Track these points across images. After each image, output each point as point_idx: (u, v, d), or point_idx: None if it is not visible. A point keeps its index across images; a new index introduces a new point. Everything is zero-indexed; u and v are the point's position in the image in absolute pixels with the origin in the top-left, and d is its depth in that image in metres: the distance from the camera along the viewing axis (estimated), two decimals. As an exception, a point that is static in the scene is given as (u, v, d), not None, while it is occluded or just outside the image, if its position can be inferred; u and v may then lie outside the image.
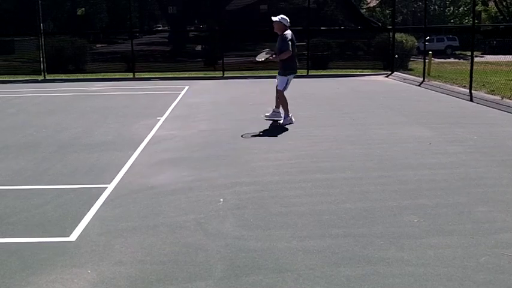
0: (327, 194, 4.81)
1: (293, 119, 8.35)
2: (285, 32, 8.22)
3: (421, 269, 3.30)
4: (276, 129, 8.01)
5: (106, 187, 5.10)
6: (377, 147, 6.63)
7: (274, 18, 8.35)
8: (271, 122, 8.56)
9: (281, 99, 8.41)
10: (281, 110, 8.52)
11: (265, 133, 7.70)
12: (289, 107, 8.41)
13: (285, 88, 8.41)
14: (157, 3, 20.73)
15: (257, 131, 7.76)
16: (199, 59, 19.26)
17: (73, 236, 3.90)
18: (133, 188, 5.09)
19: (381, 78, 16.51)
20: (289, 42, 8.12)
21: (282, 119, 8.39)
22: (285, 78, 8.43)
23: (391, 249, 3.59)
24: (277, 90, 8.51)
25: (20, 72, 18.15)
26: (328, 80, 15.96)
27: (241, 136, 7.36)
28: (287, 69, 8.40)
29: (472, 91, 11.97)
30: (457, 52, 34.76)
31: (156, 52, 19.90)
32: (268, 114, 8.78)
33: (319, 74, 17.75)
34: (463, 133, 7.41)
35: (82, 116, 9.52)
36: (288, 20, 8.32)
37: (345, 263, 3.40)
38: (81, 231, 4.00)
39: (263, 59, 8.72)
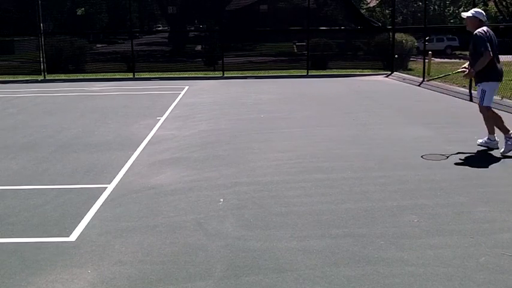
0: (327, 194, 4.81)
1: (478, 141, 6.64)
2: (479, 29, 6.23)
3: (421, 269, 3.30)
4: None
5: (106, 187, 5.10)
6: (377, 147, 6.63)
7: (464, 14, 6.48)
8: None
9: (489, 119, 6.42)
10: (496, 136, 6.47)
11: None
12: (290, 107, 8.37)
13: (489, 101, 6.33)
14: (157, 3, 20.72)
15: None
16: (199, 59, 19.27)
17: (73, 236, 3.90)
18: (133, 188, 5.09)
19: (380, 78, 16.51)
20: (487, 42, 6.13)
21: (505, 144, 6.22)
22: (480, 88, 6.39)
23: (391, 249, 3.59)
24: (480, 108, 6.45)
25: (20, 72, 18.16)
26: (328, 80, 15.95)
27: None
28: (486, 76, 6.28)
29: (472, 91, 11.96)
30: (457, 52, 34.76)
31: (156, 52, 19.92)
32: (481, 140, 6.64)
33: (319, 74, 17.75)
34: (463, 133, 7.41)
35: (82, 116, 9.52)
36: (484, 14, 6.44)
37: (345, 263, 3.40)
38: (81, 231, 4.00)
39: (439, 77, 6.78)
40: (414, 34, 19.69)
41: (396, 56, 17.81)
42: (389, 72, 17.40)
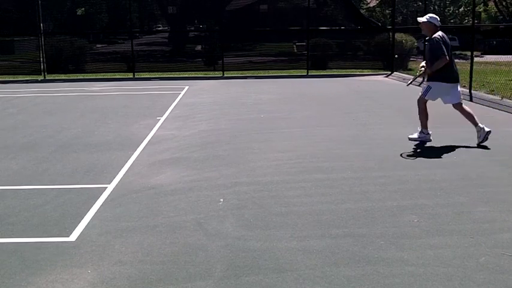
0: (327, 194, 4.81)
1: (429, 138, 6.89)
2: (435, 35, 6.64)
3: (421, 269, 3.30)
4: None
5: (106, 187, 5.10)
6: (377, 147, 6.63)
7: (420, 19, 6.84)
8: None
9: (420, 109, 6.89)
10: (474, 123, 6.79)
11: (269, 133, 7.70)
12: (290, 107, 8.38)
13: (425, 95, 6.81)
14: (157, 3, 20.72)
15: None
16: (199, 59, 19.27)
17: (73, 236, 3.90)
18: (133, 188, 5.09)
19: (380, 78, 16.51)
20: (443, 46, 6.52)
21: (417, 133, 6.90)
22: (427, 83, 6.87)
23: (391, 249, 3.59)
24: (419, 99, 6.90)
25: (20, 72, 18.16)
26: (328, 80, 15.95)
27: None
28: (435, 77, 6.71)
29: (472, 91, 11.97)
30: (457, 52, 34.78)
31: (156, 52, 19.92)
32: (414, 135, 6.96)
33: (319, 74, 17.75)
34: (463, 133, 7.41)
35: (82, 116, 9.52)
36: (438, 19, 6.81)
37: (345, 263, 3.40)
38: (81, 231, 4.00)
39: (414, 79, 7.33)
40: (414, 34, 19.68)
41: (396, 56, 17.81)
42: (389, 72, 17.40)
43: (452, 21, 36.92)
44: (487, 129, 6.62)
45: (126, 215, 4.36)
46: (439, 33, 6.68)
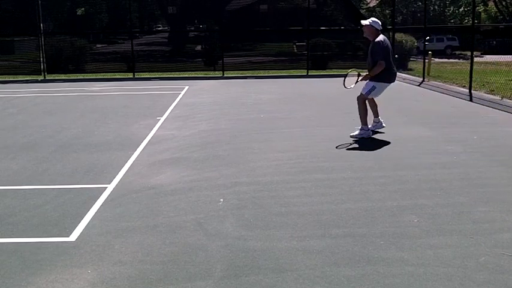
0: (327, 194, 4.81)
1: (370, 133, 7.27)
2: (377, 39, 7.05)
3: (421, 269, 3.30)
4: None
5: (106, 187, 5.10)
6: (377, 147, 6.63)
7: (363, 22, 7.21)
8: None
9: (360, 106, 7.37)
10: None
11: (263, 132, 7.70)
12: (290, 107, 8.38)
13: (368, 94, 7.33)
14: (157, 3, 20.72)
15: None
16: (199, 59, 19.27)
17: (73, 236, 3.90)
18: (133, 188, 5.09)
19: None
20: (383, 51, 7.01)
21: (360, 130, 7.27)
22: (371, 83, 7.26)
23: (391, 249, 3.59)
24: (359, 96, 7.41)
25: (20, 72, 18.17)
26: (328, 80, 15.95)
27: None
28: (379, 77, 7.18)
29: (472, 91, 11.98)
30: (457, 52, 34.77)
31: (156, 52, 19.92)
32: (356, 132, 7.32)
33: (319, 74, 17.75)
34: (463, 133, 7.41)
35: (82, 116, 9.52)
36: (380, 23, 7.18)
37: (345, 263, 3.40)
38: (81, 231, 4.00)
39: (354, 84, 7.54)
40: (414, 34, 19.70)
41: (396, 56, 17.80)
42: (389, 72, 17.37)
43: (452, 21, 36.92)
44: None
45: (126, 215, 4.36)
46: (381, 37, 7.10)
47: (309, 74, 17.81)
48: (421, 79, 15.03)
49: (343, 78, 7.66)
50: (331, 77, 16.66)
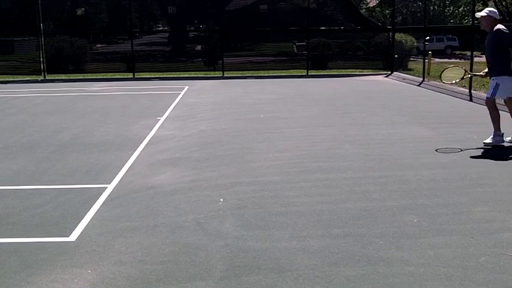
0: (327, 194, 4.81)
1: (506, 139, 6.52)
2: (498, 27, 6.34)
3: (421, 269, 3.30)
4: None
5: (106, 187, 5.10)
6: (377, 147, 6.63)
7: (479, 14, 6.53)
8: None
9: (490, 111, 6.58)
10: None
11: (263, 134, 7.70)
12: (290, 107, 8.36)
13: (493, 94, 6.47)
14: (157, 3, 20.73)
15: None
16: (199, 59, 19.27)
17: (73, 236, 3.90)
18: (133, 188, 5.09)
19: (380, 78, 16.50)
20: (510, 38, 6.25)
21: (493, 137, 6.50)
22: (494, 81, 6.48)
23: (391, 249, 3.59)
24: (487, 100, 6.60)
25: (20, 72, 18.16)
26: (328, 80, 15.95)
27: None
28: (500, 70, 6.39)
29: (472, 91, 11.97)
30: (457, 52, 34.78)
31: (156, 52, 19.93)
32: (487, 141, 6.53)
33: (319, 74, 17.75)
34: (463, 133, 7.41)
35: (82, 116, 9.52)
36: (497, 12, 6.56)
37: (345, 263, 3.40)
38: (81, 231, 4.00)
39: (457, 80, 6.88)
40: (414, 34, 19.69)
41: (396, 56, 17.81)
42: (389, 72, 17.40)
43: (452, 21, 36.92)
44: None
45: (126, 215, 4.36)
46: (500, 25, 6.35)
47: (309, 74, 17.80)
48: (421, 79, 15.02)
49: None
50: (331, 77, 16.67)
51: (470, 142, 6.82)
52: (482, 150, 6.42)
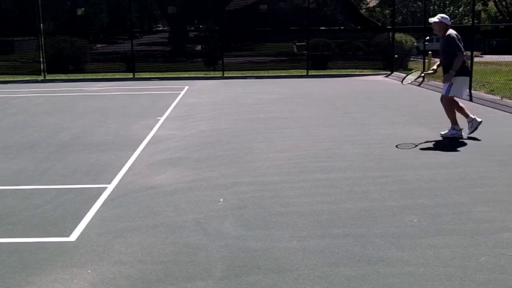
0: (327, 194, 4.81)
1: (478, 119, 7.03)
2: (449, 32, 6.96)
3: (421, 269, 3.30)
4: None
5: (106, 187, 5.10)
6: (377, 147, 6.63)
7: (432, 20, 7.15)
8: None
9: (446, 107, 7.17)
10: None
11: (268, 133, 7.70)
12: (290, 107, 8.36)
13: (448, 92, 7.03)
14: (157, 3, 20.72)
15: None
16: (199, 59, 19.27)
17: (73, 236, 3.90)
18: (133, 188, 5.09)
19: (380, 78, 16.50)
20: (460, 42, 6.85)
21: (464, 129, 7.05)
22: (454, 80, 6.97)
23: (391, 249, 3.59)
24: (443, 98, 7.18)
25: (20, 72, 18.16)
26: (328, 80, 15.95)
27: None
28: (459, 71, 6.93)
29: (472, 91, 11.96)
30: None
31: (156, 52, 19.93)
32: (443, 132, 7.20)
33: (319, 74, 17.75)
34: (463, 133, 7.40)
35: (82, 116, 9.52)
36: (448, 18, 7.22)
37: (345, 263, 3.40)
38: (81, 231, 4.00)
39: (412, 80, 7.64)
40: (414, 34, 19.68)
41: (396, 56, 17.81)
42: (389, 72, 17.40)
43: (452, 21, 36.93)
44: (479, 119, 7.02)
45: (126, 215, 4.36)
46: (452, 30, 6.98)
47: (309, 74, 17.80)
48: (421, 79, 15.01)
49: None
50: (331, 77, 16.67)
51: (470, 142, 6.82)
52: (482, 150, 6.41)
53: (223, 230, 3.99)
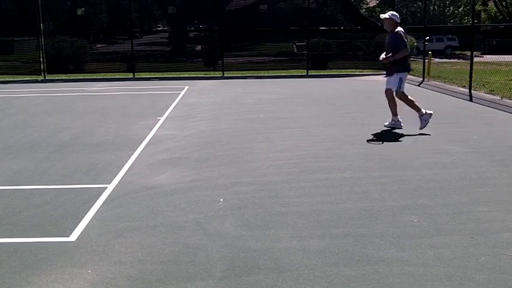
0: (327, 194, 4.82)
1: (428, 111, 7.65)
2: (398, 29, 7.66)
3: (421, 269, 3.30)
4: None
5: (106, 187, 5.10)
6: (377, 147, 6.63)
7: (383, 16, 7.86)
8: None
9: (404, 101, 7.77)
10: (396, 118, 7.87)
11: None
12: (290, 107, 8.38)
13: (400, 87, 7.72)
14: (157, 3, 20.72)
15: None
16: (199, 59, 19.27)
17: (73, 236, 3.91)
18: (133, 188, 5.09)
19: (380, 78, 16.48)
20: (406, 40, 7.59)
21: (421, 121, 7.60)
22: (397, 77, 7.71)
23: (391, 249, 3.59)
24: (387, 92, 7.86)
25: (20, 72, 18.17)
26: (328, 80, 15.96)
27: None
28: (400, 68, 7.69)
29: (472, 91, 11.98)
30: (457, 52, 34.78)
31: (156, 52, 19.92)
32: (387, 123, 7.97)
33: (319, 74, 17.75)
34: (463, 133, 7.41)
35: (82, 116, 9.52)
36: (399, 16, 7.86)
37: (345, 263, 3.40)
38: (81, 231, 4.00)
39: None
40: (414, 34, 19.68)
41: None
42: (389, 72, 17.37)
43: (452, 21, 36.93)
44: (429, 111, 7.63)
45: (126, 215, 4.36)
46: (400, 28, 7.69)
47: (309, 74, 17.81)
48: (421, 79, 15.03)
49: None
50: (331, 77, 16.67)
51: (470, 142, 6.82)
52: (482, 150, 6.41)
53: (223, 230, 3.99)
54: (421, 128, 7.50)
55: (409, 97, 7.75)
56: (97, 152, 6.60)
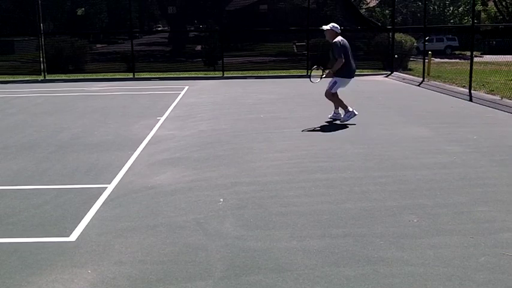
0: (327, 194, 4.82)
1: (355, 112, 8.43)
2: (336, 39, 8.51)
3: (421, 269, 3.30)
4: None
5: (106, 187, 5.10)
6: (377, 147, 6.63)
7: (324, 27, 8.66)
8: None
9: (332, 100, 8.62)
10: (340, 111, 8.65)
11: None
12: (290, 107, 8.40)
13: (331, 89, 8.58)
14: (157, 3, 20.73)
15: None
16: (199, 59, 19.27)
17: (73, 236, 3.91)
18: (133, 188, 5.10)
19: (380, 78, 16.50)
20: (340, 50, 8.41)
21: (344, 114, 8.46)
22: (333, 79, 8.62)
23: (391, 249, 3.59)
24: (326, 92, 8.68)
25: (20, 72, 18.17)
26: (328, 80, 15.91)
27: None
28: (340, 73, 8.59)
29: (472, 91, 11.97)
30: (457, 52, 34.78)
31: (156, 52, 19.92)
32: (330, 115, 8.79)
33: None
34: (463, 133, 7.41)
35: (82, 116, 9.52)
36: (339, 27, 8.72)
37: (345, 263, 3.40)
38: (81, 231, 4.00)
39: (319, 79, 8.93)
40: (414, 34, 19.68)
41: (396, 56, 17.81)
42: (389, 72, 17.41)
43: (452, 21, 36.93)
44: (356, 112, 8.37)
45: (126, 215, 4.36)
46: (339, 38, 8.55)
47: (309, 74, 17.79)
48: (421, 79, 15.03)
49: (309, 76, 9.12)
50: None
51: (470, 142, 6.82)
52: (482, 150, 6.41)
53: (223, 230, 3.99)
54: (341, 121, 8.36)
55: (339, 97, 8.57)
56: (97, 152, 6.60)
